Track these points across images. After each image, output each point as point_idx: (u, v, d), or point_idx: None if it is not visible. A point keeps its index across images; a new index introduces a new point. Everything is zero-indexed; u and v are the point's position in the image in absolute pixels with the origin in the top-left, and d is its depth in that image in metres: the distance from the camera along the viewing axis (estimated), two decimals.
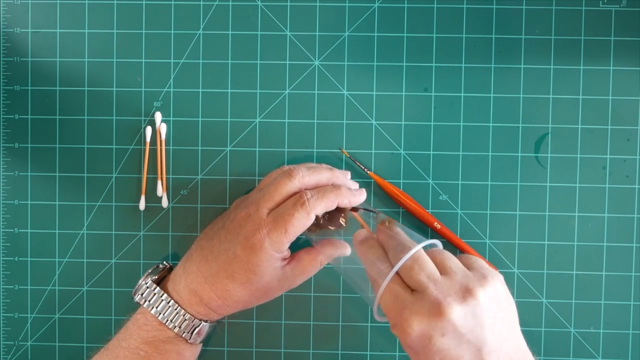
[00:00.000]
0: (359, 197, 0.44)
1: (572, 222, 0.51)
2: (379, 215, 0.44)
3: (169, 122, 0.51)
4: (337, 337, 0.51)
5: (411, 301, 0.36)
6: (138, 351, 0.43)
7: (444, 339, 0.35)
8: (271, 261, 0.42)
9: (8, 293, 0.52)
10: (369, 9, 0.51)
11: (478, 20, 0.51)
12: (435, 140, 0.51)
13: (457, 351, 0.35)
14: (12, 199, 0.52)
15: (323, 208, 0.42)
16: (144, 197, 0.51)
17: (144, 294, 0.44)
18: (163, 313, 0.43)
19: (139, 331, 0.44)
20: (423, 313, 0.35)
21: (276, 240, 0.41)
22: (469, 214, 0.51)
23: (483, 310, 0.36)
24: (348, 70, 0.51)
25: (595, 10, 0.50)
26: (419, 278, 0.37)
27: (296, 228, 0.41)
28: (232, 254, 0.42)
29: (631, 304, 0.50)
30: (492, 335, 0.36)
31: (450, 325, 0.35)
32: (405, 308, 0.36)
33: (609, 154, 0.50)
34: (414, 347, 0.36)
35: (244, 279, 0.42)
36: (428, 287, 0.36)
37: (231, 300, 0.43)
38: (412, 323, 0.35)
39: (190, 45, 0.51)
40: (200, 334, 0.44)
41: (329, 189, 0.43)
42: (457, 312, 0.35)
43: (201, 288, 0.43)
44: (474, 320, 0.35)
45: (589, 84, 0.50)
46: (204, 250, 0.44)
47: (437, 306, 0.35)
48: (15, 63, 0.52)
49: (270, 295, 0.45)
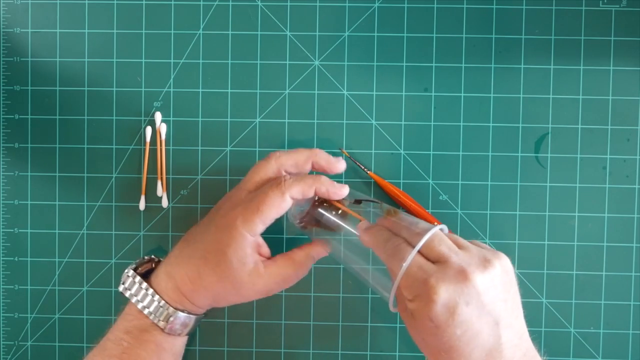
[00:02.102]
0: (339, 189, 0.43)
1: (572, 222, 0.51)
2: (382, 205, 0.44)
3: (169, 122, 0.51)
4: (337, 337, 0.51)
5: (435, 270, 0.37)
6: (121, 342, 0.43)
7: (468, 309, 0.36)
8: (242, 242, 0.41)
9: (8, 293, 0.52)
10: (369, 9, 0.51)
11: (478, 20, 0.51)
12: (435, 140, 0.51)
13: (478, 324, 0.36)
14: (12, 199, 0.52)
15: (299, 191, 0.41)
16: (144, 197, 0.51)
17: (125, 283, 0.45)
18: (141, 301, 0.44)
19: (122, 321, 0.44)
20: (449, 280, 0.36)
21: (248, 218, 0.41)
22: (469, 214, 0.51)
23: (500, 282, 0.37)
24: (348, 70, 0.51)
25: (595, 10, 0.50)
26: (441, 249, 0.38)
27: (269, 207, 0.41)
28: (207, 234, 0.43)
29: (631, 304, 0.50)
30: (506, 310, 0.37)
31: (474, 293, 0.36)
32: (430, 276, 0.36)
33: (609, 154, 0.50)
34: (436, 320, 0.36)
35: (215, 260, 0.42)
36: (451, 257, 0.37)
37: (200, 285, 0.43)
38: (439, 290, 0.36)
39: (190, 45, 0.51)
40: (176, 323, 0.44)
41: (307, 175, 0.43)
42: (481, 279, 0.36)
43: (176, 271, 0.44)
44: (494, 291, 0.36)
45: (589, 84, 0.50)
46: (188, 235, 0.45)
47: (462, 272, 0.36)
48: (15, 63, 0.52)
49: (240, 293, 0.43)
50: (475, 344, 0.36)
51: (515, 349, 0.37)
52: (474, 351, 0.36)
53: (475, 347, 0.36)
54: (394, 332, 0.51)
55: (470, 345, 0.36)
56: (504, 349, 0.37)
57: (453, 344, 0.36)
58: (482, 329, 0.36)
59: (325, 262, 0.51)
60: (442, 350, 0.37)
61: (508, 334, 0.37)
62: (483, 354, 0.36)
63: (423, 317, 0.36)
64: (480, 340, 0.36)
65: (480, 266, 0.37)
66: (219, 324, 0.52)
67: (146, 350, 0.43)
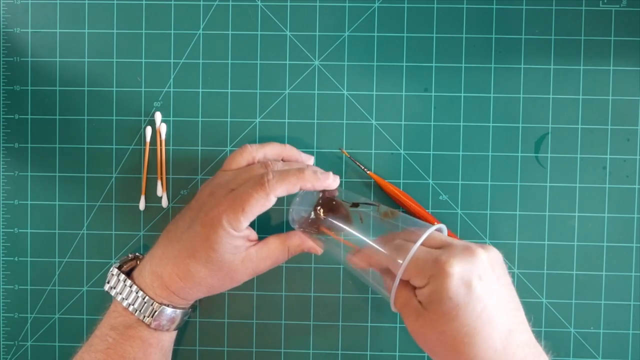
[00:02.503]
0: (323, 181, 0.43)
1: (572, 222, 0.51)
2: (380, 207, 0.44)
3: (169, 122, 0.51)
4: (337, 337, 0.51)
5: (442, 251, 0.38)
6: (107, 338, 0.44)
7: (481, 283, 0.36)
8: (230, 239, 0.42)
9: (8, 293, 0.52)
10: (369, 9, 0.51)
11: (478, 20, 0.51)
12: (435, 140, 0.51)
13: (494, 300, 0.36)
14: (12, 199, 0.52)
15: (284, 190, 0.42)
16: (144, 197, 0.51)
17: (110, 281, 0.45)
18: (126, 298, 0.44)
19: (107, 318, 0.45)
20: (459, 255, 0.37)
21: (234, 218, 0.41)
22: (469, 214, 0.51)
23: (500, 264, 0.39)
24: (348, 70, 0.51)
25: (595, 10, 0.50)
26: (442, 238, 0.40)
27: (254, 208, 0.41)
28: (193, 232, 0.43)
29: (631, 304, 0.50)
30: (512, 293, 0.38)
31: (483, 267, 0.37)
32: (440, 254, 0.37)
33: (609, 154, 0.50)
34: (455, 296, 0.36)
35: (204, 257, 0.42)
36: (453, 241, 0.39)
37: (193, 282, 0.43)
38: (452, 263, 0.36)
39: (190, 45, 0.51)
40: (162, 319, 0.44)
41: (291, 172, 0.42)
42: (485, 255, 0.38)
43: (163, 270, 0.44)
44: (499, 269, 0.38)
45: (589, 84, 0.50)
46: (169, 233, 0.45)
47: (467, 248, 0.38)
48: (15, 63, 0.52)
49: (235, 279, 0.44)
50: (495, 323, 0.36)
51: (524, 331, 0.38)
52: (494, 332, 0.36)
53: (495, 326, 0.36)
54: (394, 332, 0.51)
55: (492, 324, 0.36)
56: (517, 332, 0.37)
57: (475, 326, 0.36)
58: (498, 306, 0.37)
59: (325, 262, 0.51)
60: (464, 336, 0.36)
61: (519, 314, 0.38)
62: (502, 334, 0.36)
63: (442, 299, 0.36)
64: (498, 319, 0.36)
65: (480, 247, 0.38)
66: (219, 324, 0.52)
67: (132, 345, 0.43)
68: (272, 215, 0.51)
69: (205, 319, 0.52)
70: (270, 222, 0.51)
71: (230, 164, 0.46)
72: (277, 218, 0.51)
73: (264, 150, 0.46)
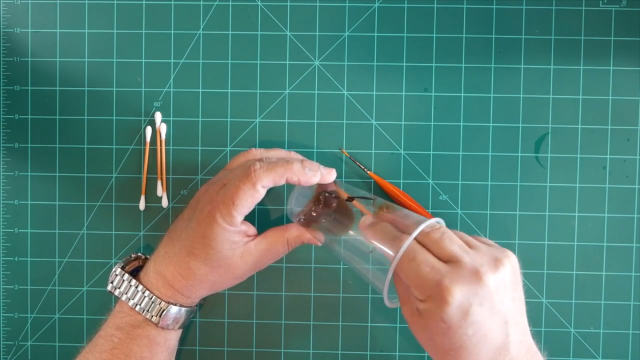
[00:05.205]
0: (310, 177, 0.43)
1: (572, 222, 0.51)
2: (376, 201, 0.44)
3: (169, 122, 0.51)
4: (337, 337, 0.51)
5: (448, 270, 0.37)
6: (112, 338, 0.44)
7: (481, 309, 0.36)
8: (227, 234, 0.42)
9: (8, 293, 0.52)
10: (369, 9, 0.51)
11: (478, 20, 0.50)
12: (435, 140, 0.51)
13: (489, 324, 0.36)
14: (12, 199, 0.52)
15: (270, 181, 0.41)
16: (144, 197, 0.51)
17: (114, 281, 0.45)
18: (132, 298, 0.44)
19: (113, 319, 0.45)
20: (463, 281, 0.36)
21: (226, 213, 0.41)
22: (469, 214, 0.51)
23: (510, 281, 0.38)
24: (348, 70, 0.51)
25: (595, 10, 0.50)
26: (453, 249, 0.38)
27: (243, 201, 0.41)
28: (190, 230, 0.43)
29: (631, 304, 0.50)
30: (514, 309, 0.38)
31: (487, 293, 0.36)
32: (444, 277, 0.36)
33: (609, 154, 0.50)
34: (449, 321, 0.36)
35: (203, 254, 0.43)
36: (463, 257, 0.37)
37: (194, 279, 0.43)
38: (454, 291, 0.36)
39: (190, 45, 0.51)
40: (168, 317, 0.44)
41: (279, 163, 0.42)
42: (493, 280, 0.36)
43: (166, 268, 0.44)
44: (504, 290, 0.37)
45: (589, 84, 0.50)
46: (171, 232, 0.45)
47: (475, 273, 0.36)
48: (15, 63, 0.52)
49: (236, 274, 0.44)
50: (484, 343, 0.36)
51: (520, 346, 0.38)
52: (483, 350, 0.36)
53: (484, 346, 0.36)
54: (394, 332, 0.51)
55: (480, 345, 0.36)
56: (511, 347, 0.37)
57: (463, 344, 0.36)
58: (492, 328, 0.36)
59: (325, 262, 0.51)
60: (451, 349, 0.37)
61: (515, 331, 0.37)
62: (491, 352, 0.37)
63: (435, 318, 0.36)
64: (489, 339, 0.36)
65: (492, 266, 0.37)
66: (219, 324, 0.52)
67: (139, 345, 0.44)
68: (273, 214, 0.51)
69: (205, 319, 0.52)
70: (270, 223, 0.51)
71: (233, 164, 0.46)
72: (278, 218, 0.51)
73: (268, 154, 0.46)
